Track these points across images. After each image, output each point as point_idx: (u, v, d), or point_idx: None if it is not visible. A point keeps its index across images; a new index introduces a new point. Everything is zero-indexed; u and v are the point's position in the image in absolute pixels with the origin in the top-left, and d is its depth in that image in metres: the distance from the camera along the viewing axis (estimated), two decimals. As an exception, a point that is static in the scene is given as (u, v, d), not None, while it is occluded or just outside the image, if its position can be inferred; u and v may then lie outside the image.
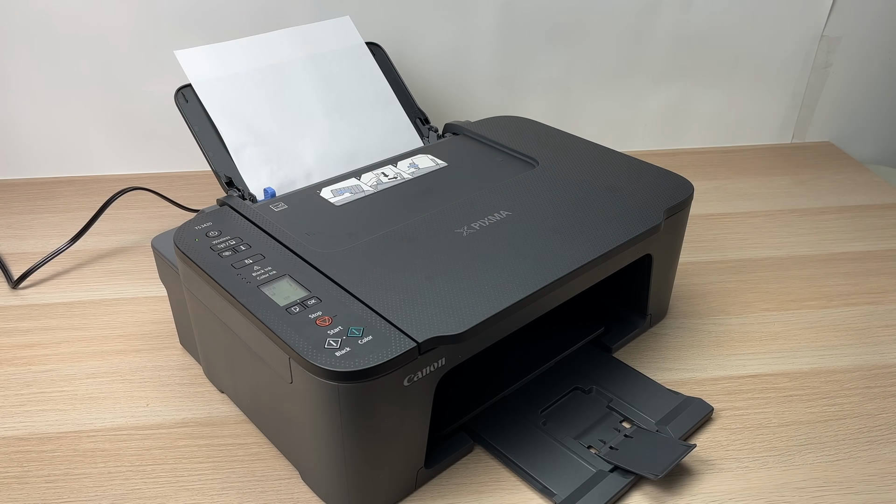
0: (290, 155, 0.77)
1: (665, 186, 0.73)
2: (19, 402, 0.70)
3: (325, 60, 0.83)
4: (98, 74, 1.02)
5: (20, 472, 0.62)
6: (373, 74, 0.86)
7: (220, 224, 0.66)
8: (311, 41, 0.83)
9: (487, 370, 0.71)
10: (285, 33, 0.82)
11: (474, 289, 0.58)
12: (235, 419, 0.68)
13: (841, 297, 0.86)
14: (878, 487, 0.62)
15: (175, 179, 1.07)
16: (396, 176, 0.76)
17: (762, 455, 0.64)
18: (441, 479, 0.62)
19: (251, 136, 0.75)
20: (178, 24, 1.00)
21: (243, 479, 0.62)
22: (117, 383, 0.72)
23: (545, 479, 0.60)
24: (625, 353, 0.76)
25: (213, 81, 0.75)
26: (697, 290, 0.87)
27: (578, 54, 1.12)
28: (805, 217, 1.02)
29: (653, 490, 0.61)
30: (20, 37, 0.98)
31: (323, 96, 0.81)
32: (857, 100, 1.22)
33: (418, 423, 0.57)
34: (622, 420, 0.67)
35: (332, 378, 0.50)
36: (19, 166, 1.08)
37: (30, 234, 0.96)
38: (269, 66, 0.79)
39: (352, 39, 0.85)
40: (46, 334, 0.78)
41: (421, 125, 0.87)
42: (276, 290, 0.57)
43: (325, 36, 0.84)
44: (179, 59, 0.75)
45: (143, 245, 0.94)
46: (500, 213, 0.68)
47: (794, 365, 0.75)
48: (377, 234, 0.65)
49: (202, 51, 0.77)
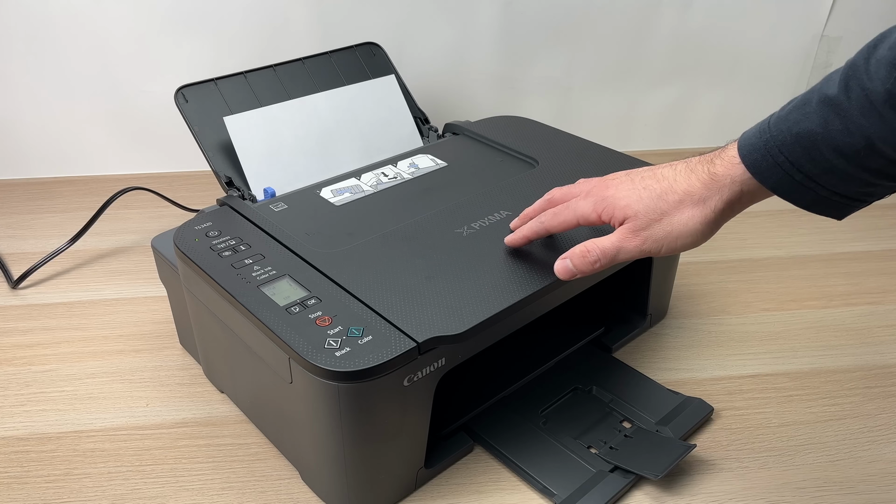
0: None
1: (665, 186, 0.73)
2: (19, 402, 0.70)
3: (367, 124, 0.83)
4: (98, 74, 1.02)
5: (20, 472, 0.62)
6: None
7: (220, 224, 0.66)
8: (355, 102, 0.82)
9: (487, 370, 0.71)
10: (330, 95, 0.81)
11: (474, 289, 0.58)
12: (235, 419, 0.68)
13: (841, 297, 0.86)
14: (879, 487, 0.62)
15: (175, 179, 1.07)
16: (396, 176, 0.76)
17: (762, 455, 0.64)
18: (441, 479, 0.62)
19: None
20: (178, 25, 1.00)
21: (243, 479, 0.62)
22: (117, 383, 0.72)
23: (545, 479, 0.60)
24: (625, 353, 0.76)
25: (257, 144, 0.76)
26: (697, 290, 0.87)
27: (578, 54, 1.12)
28: (805, 217, 1.01)
29: (653, 490, 0.61)
30: (20, 37, 0.98)
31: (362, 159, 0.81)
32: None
33: (418, 423, 0.57)
34: (622, 420, 0.67)
35: (332, 378, 0.50)
36: (19, 166, 1.08)
37: (30, 234, 0.96)
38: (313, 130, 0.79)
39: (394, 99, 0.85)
40: (46, 334, 0.78)
41: (421, 125, 0.87)
42: (276, 290, 0.57)
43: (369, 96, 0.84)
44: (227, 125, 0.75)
45: (143, 245, 0.94)
46: (500, 213, 0.68)
47: (794, 365, 0.75)
48: (377, 234, 0.65)
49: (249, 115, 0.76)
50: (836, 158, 0.44)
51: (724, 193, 0.50)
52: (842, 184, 0.45)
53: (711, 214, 0.50)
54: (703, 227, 0.50)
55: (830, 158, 0.44)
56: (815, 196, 0.47)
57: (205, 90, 0.77)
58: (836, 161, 0.44)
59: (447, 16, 1.06)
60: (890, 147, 0.42)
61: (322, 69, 0.84)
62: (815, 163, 0.45)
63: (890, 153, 0.43)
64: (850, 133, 0.43)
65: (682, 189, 0.51)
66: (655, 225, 0.51)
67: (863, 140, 0.43)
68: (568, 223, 0.57)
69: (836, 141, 0.44)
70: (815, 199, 0.47)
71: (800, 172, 0.46)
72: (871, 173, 0.44)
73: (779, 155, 0.46)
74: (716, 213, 0.50)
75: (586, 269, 0.54)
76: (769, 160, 0.46)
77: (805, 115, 0.45)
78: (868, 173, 0.44)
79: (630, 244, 0.52)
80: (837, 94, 0.44)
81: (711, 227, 0.51)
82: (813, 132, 0.44)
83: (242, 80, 0.79)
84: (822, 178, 0.46)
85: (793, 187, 0.47)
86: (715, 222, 0.51)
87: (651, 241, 0.51)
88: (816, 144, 0.44)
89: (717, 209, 0.50)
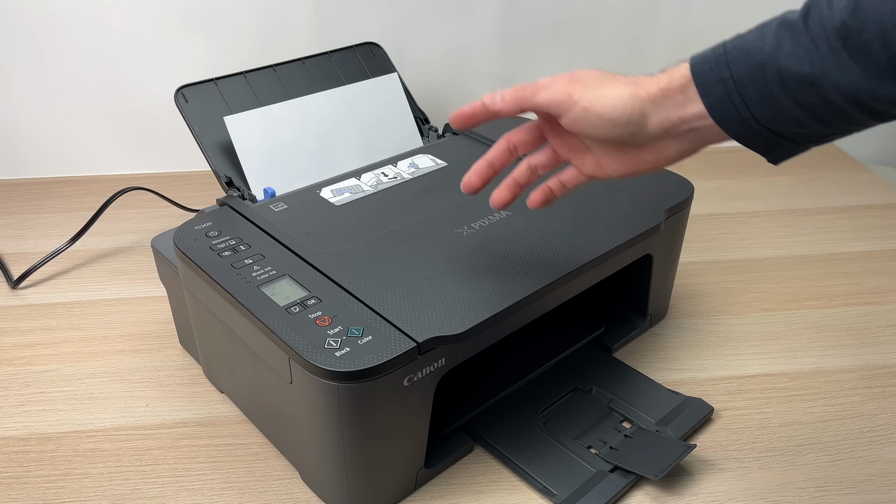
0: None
1: (665, 186, 0.73)
2: (19, 402, 0.70)
3: (368, 124, 0.82)
4: (98, 74, 1.02)
5: (20, 472, 0.62)
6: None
7: (219, 224, 0.66)
8: (356, 101, 0.82)
9: (487, 370, 0.71)
10: (331, 94, 0.81)
11: (474, 289, 0.58)
12: (235, 419, 0.68)
13: (841, 297, 0.86)
14: (879, 487, 0.62)
15: (175, 179, 1.07)
16: (396, 176, 0.76)
17: (762, 455, 0.64)
18: (441, 479, 0.62)
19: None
20: (178, 25, 1.00)
21: (243, 479, 0.62)
22: (117, 383, 0.72)
23: (545, 479, 0.60)
24: (625, 353, 0.76)
25: (256, 144, 0.75)
26: (697, 290, 0.87)
27: (578, 54, 1.12)
28: (805, 217, 1.02)
29: (653, 490, 0.61)
30: (20, 37, 0.98)
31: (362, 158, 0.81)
32: (857, 100, 1.22)
33: (418, 423, 0.57)
34: (622, 420, 0.67)
35: (332, 378, 0.50)
36: (19, 166, 1.08)
37: (30, 234, 0.96)
38: (314, 130, 0.79)
39: (396, 96, 0.85)
40: (46, 334, 0.78)
41: (421, 125, 0.87)
42: (276, 290, 0.57)
43: (370, 95, 0.83)
44: (227, 124, 0.74)
45: (143, 245, 0.94)
46: (500, 213, 0.68)
47: (794, 365, 0.75)
48: (377, 234, 0.65)
49: (249, 115, 0.76)
50: (776, 86, 0.43)
51: (661, 81, 0.48)
52: (775, 118, 0.44)
53: (643, 93, 0.48)
54: (631, 100, 0.48)
55: (771, 85, 0.44)
56: (747, 128, 0.46)
57: (205, 90, 0.77)
58: (776, 89, 0.43)
59: (447, 16, 1.06)
60: (828, 83, 0.42)
61: (322, 69, 0.84)
62: (756, 86, 0.44)
63: (828, 91, 0.42)
64: (796, 59, 0.42)
65: (625, 78, 0.50)
66: (592, 86, 0.50)
67: (807, 68, 0.42)
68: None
69: (781, 65, 0.43)
70: (746, 131, 0.46)
71: (738, 95, 0.45)
72: (804, 110, 0.43)
73: (725, 69, 0.45)
74: (649, 95, 0.48)
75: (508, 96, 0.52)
76: (716, 74, 0.45)
77: (762, 34, 0.44)
78: (801, 110, 0.43)
79: (557, 82, 0.51)
80: (797, 18, 0.43)
81: (640, 104, 0.48)
82: (763, 51, 0.44)
83: (242, 80, 0.79)
84: (758, 108, 0.44)
85: (729, 111, 0.45)
86: (645, 102, 0.48)
87: (579, 87, 0.50)
88: (763, 64, 0.44)
89: (651, 92, 0.48)
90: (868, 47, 0.40)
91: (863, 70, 0.41)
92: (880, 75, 0.40)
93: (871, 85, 0.41)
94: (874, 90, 0.41)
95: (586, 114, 0.49)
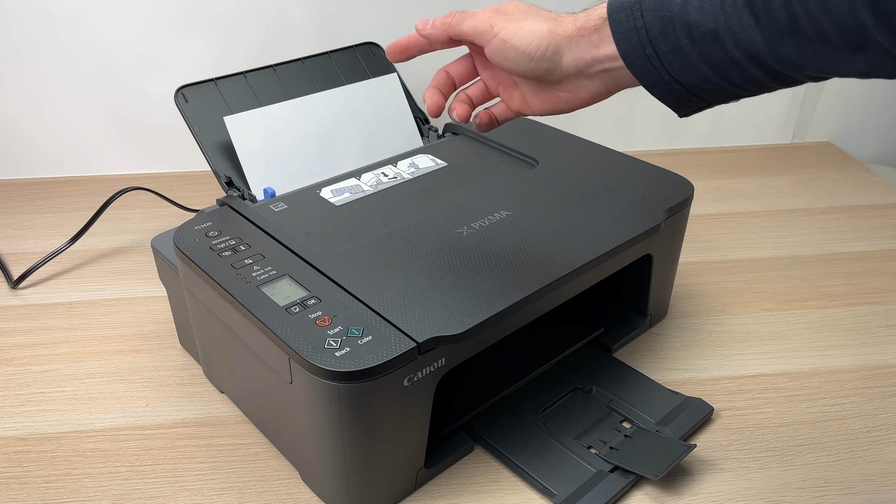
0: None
1: (665, 186, 0.73)
2: (19, 402, 0.70)
3: (368, 123, 0.83)
4: (98, 74, 1.02)
5: (20, 472, 0.62)
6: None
7: (219, 224, 0.66)
8: (356, 101, 0.82)
9: (487, 370, 0.71)
10: (331, 94, 0.81)
11: (474, 289, 0.58)
12: (235, 419, 0.68)
13: (841, 297, 0.86)
14: (879, 487, 0.62)
15: (175, 179, 1.07)
16: (396, 176, 0.76)
17: (762, 455, 0.64)
18: (441, 479, 0.62)
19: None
20: (178, 25, 1.00)
21: (243, 479, 0.62)
22: (117, 383, 0.72)
23: (545, 479, 0.60)
24: (625, 353, 0.76)
25: (257, 143, 0.76)
26: (697, 290, 0.87)
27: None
28: (805, 217, 1.02)
29: (653, 490, 0.61)
30: (20, 37, 0.98)
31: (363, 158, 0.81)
32: (857, 100, 1.22)
33: (418, 423, 0.57)
34: (622, 420, 0.67)
35: (332, 378, 0.50)
36: (19, 166, 1.08)
37: (30, 234, 0.96)
38: (314, 130, 0.79)
39: (396, 98, 0.85)
40: (46, 334, 0.78)
41: (421, 125, 0.87)
42: (276, 290, 0.57)
43: (370, 95, 0.84)
44: (227, 124, 0.74)
45: (143, 245, 0.94)
46: (500, 213, 0.68)
47: (794, 365, 0.75)
48: (377, 234, 0.65)
49: (249, 115, 0.76)
50: (684, 39, 0.44)
51: (579, 21, 0.49)
52: (683, 71, 0.45)
53: (560, 30, 0.49)
54: (547, 35, 0.49)
55: (680, 38, 0.44)
56: (657, 77, 0.46)
57: (205, 90, 0.77)
58: (684, 42, 0.44)
59: (447, 16, 1.06)
60: (731, 39, 0.42)
61: (322, 69, 0.84)
62: (665, 38, 0.45)
63: (730, 47, 0.43)
64: (703, 12, 0.43)
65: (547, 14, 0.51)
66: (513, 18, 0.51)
67: (711, 23, 0.43)
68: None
69: (689, 19, 0.43)
70: (657, 80, 0.46)
71: (650, 45, 0.45)
72: (710, 66, 0.44)
73: (639, 19, 0.45)
74: (566, 33, 0.49)
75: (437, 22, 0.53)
76: (630, 23, 0.46)
77: None
78: (707, 65, 0.44)
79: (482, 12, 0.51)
80: None
81: (556, 40, 0.49)
82: (673, 3, 0.44)
83: (242, 80, 0.79)
84: (667, 59, 0.45)
85: (641, 60, 0.46)
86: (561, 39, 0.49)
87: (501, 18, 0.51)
88: (672, 18, 0.44)
89: (568, 30, 0.49)
90: (770, 5, 0.40)
91: (764, 28, 0.41)
92: (781, 34, 0.41)
93: (771, 43, 0.41)
94: (773, 49, 0.41)
95: (504, 45, 0.50)
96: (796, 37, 0.40)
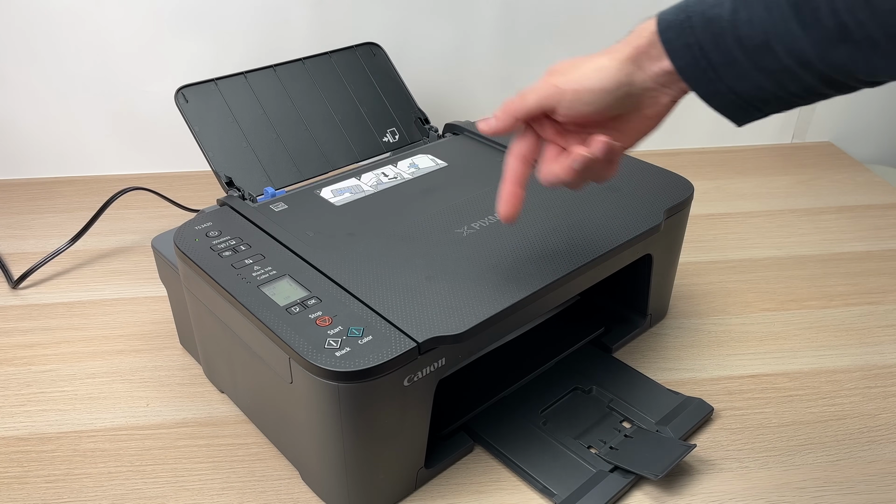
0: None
1: (665, 186, 0.73)
2: (19, 402, 0.70)
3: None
4: (98, 74, 1.02)
5: (20, 472, 0.62)
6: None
7: (220, 224, 0.66)
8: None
9: (487, 370, 0.71)
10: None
11: (474, 289, 0.58)
12: (235, 419, 0.68)
13: (841, 297, 0.86)
14: (879, 487, 0.62)
15: (175, 179, 1.07)
16: (396, 176, 0.76)
17: (762, 455, 0.64)
18: (441, 479, 0.62)
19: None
20: (178, 25, 1.00)
21: (243, 479, 0.62)
22: (117, 383, 0.72)
23: (545, 479, 0.60)
24: (625, 353, 0.76)
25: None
26: (697, 290, 0.87)
27: (578, 54, 1.12)
28: (805, 217, 1.02)
29: (653, 490, 0.61)
30: (20, 37, 0.98)
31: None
32: (857, 100, 1.22)
33: (418, 423, 0.57)
34: (622, 420, 0.67)
35: (332, 378, 0.50)
36: (19, 166, 1.08)
37: (30, 234, 0.96)
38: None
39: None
40: (46, 334, 0.78)
41: (421, 125, 0.87)
42: (276, 290, 0.57)
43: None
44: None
45: (143, 245, 0.94)
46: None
47: (794, 365, 0.75)
48: (377, 234, 0.65)
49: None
50: (737, 51, 0.45)
51: (632, 43, 0.49)
52: (739, 82, 0.46)
53: (620, 56, 0.49)
54: (612, 64, 0.49)
55: (733, 50, 0.45)
56: (714, 88, 0.47)
57: (205, 90, 0.77)
58: (737, 54, 0.45)
59: (447, 16, 1.06)
60: (782, 48, 0.43)
61: (322, 69, 0.84)
62: (719, 51, 0.45)
63: (782, 55, 0.43)
64: (752, 25, 0.44)
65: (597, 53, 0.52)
66: (571, 70, 0.51)
67: (762, 34, 0.43)
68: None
69: (740, 32, 0.44)
70: (713, 92, 0.47)
71: (705, 59, 0.46)
72: (764, 75, 0.45)
73: (691, 36, 0.46)
74: (627, 57, 0.49)
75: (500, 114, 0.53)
76: (682, 40, 0.47)
77: (720, 0, 0.46)
78: (762, 75, 0.45)
79: (538, 83, 0.52)
80: None
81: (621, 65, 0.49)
82: (722, 18, 0.45)
83: (242, 80, 0.79)
84: (723, 71, 0.46)
85: (697, 73, 0.47)
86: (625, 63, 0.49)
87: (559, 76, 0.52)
88: (723, 32, 0.45)
89: (627, 54, 0.49)
90: (818, 14, 0.41)
91: (813, 36, 0.42)
92: (830, 41, 0.41)
93: (822, 51, 0.42)
94: (825, 56, 0.42)
95: (578, 94, 0.50)
96: (846, 43, 0.41)
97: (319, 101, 0.82)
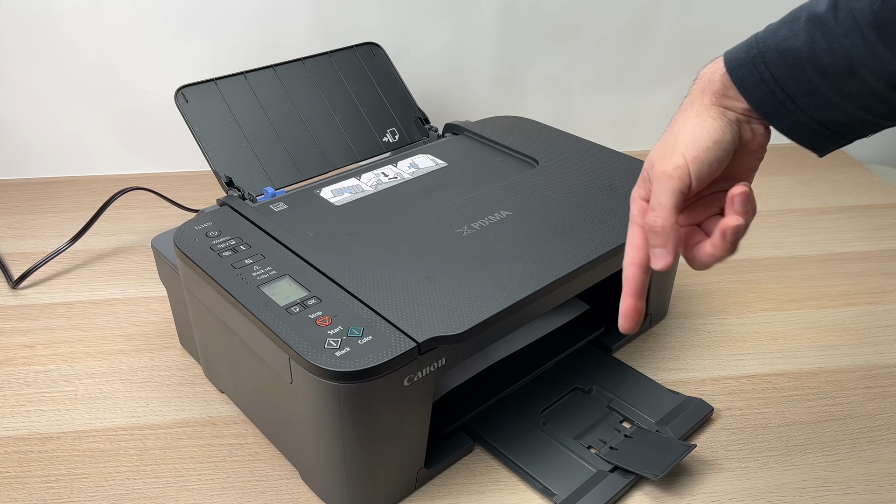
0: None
1: (665, 186, 0.73)
2: (19, 402, 0.70)
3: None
4: (98, 74, 1.02)
5: (20, 472, 0.62)
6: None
7: (220, 224, 0.66)
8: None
9: (487, 370, 0.71)
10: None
11: (474, 289, 0.58)
12: (235, 419, 0.68)
13: (841, 297, 0.86)
14: (879, 487, 0.62)
15: (175, 179, 1.07)
16: (396, 176, 0.76)
17: (762, 455, 0.64)
18: (441, 479, 0.62)
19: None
20: (178, 25, 1.00)
21: (243, 479, 0.62)
22: (117, 383, 0.72)
23: (545, 479, 0.60)
24: (625, 353, 0.76)
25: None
26: (697, 290, 0.87)
27: (578, 54, 1.12)
28: (805, 217, 1.02)
29: (653, 490, 0.61)
30: (20, 37, 0.98)
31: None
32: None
33: (418, 423, 0.57)
34: (622, 420, 0.67)
35: (332, 378, 0.50)
36: (19, 166, 1.08)
37: (30, 234, 0.96)
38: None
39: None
40: (46, 334, 0.78)
41: (421, 125, 0.87)
42: (276, 290, 0.57)
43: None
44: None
45: (143, 245, 0.94)
46: (500, 213, 0.68)
47: (794, 365, 0.75)
48: (377, 234, 0.65)
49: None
50: (818, 80, 0.44)
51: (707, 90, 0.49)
52: (821, 109, 0.45)
53: (703, 102, 0.49)
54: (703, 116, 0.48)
55: (813, 79, 0.44)
56: (794, 119, 0.46)
57: (205, 90, 0.77)
58: (818, 82, 0.44)
59: (447, 16, 1.06)
60: (869, 72, 0.42)
61: (322, 69, 0.84)
62: (797, 82, 0.45)
63: (869, 80, 0.43)
64: (833, 53, 0.43)
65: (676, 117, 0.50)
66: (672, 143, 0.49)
67: (845, 61, 0.43)
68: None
69: (820, 61, 0.44)
70: (794, 123, 0.47)
71: (782, 91, 0.46)
72: (849, 100, 0.44)
73: (765, 71, 0.46)
74: (710, 102, 0.48)
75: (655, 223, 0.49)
76: (755, 76, 0.46)
77: (793, 32, 0.45)
78: (846, 100, 0.44)
79: (655, 179, 0.48)
80: (825, 12, 0.44)
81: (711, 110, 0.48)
82: (798, 50, 0.44)
83: (242, 80, 0.79)
84: (803, 101, 0.45)
85: (774, 106, 0.46)
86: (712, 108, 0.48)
87: (666, 160, 0.48)
88: (801, 63, 0.44)
89: (708, 100, 0.49)
90: None
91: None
92: None
93: None
94: None
95: (700, 160, 0.47)
96: None
97: (319, 101, 0.82)
